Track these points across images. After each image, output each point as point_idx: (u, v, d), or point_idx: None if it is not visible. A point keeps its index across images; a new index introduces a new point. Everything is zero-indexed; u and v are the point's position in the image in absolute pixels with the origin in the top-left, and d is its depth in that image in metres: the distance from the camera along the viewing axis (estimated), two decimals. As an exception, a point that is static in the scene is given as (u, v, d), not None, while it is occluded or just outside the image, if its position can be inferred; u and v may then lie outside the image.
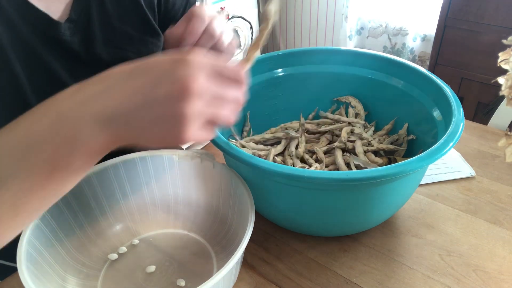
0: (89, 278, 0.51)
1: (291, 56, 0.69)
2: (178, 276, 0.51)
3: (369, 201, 0.49)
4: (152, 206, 0.59)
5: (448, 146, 0.44)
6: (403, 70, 0.63)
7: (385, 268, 0.53)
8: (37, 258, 0.45)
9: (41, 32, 0.51)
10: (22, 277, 0.40)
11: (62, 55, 0.54)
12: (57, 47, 0.53)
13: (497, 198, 0.62)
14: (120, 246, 0.56)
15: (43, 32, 0.51)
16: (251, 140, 0.65)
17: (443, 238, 0.56)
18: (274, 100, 0.71)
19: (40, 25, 0.51)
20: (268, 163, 0.44)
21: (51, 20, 0.51)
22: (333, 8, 2.07)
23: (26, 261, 0.43)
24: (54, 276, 0.47)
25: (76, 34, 0.55)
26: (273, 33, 2.41)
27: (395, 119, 0.66)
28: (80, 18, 0.54)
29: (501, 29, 1.41)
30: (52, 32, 0.52)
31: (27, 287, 0.40)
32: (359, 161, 0.57)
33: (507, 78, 0.45)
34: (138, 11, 0.61)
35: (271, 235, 0.58)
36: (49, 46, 0.52)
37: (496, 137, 0.76)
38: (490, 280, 0.50)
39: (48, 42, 0.52)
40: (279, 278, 0.52)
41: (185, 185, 0.59)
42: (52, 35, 0.52)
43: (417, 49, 1.91)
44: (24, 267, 0.42)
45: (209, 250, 0.55)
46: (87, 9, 0.55)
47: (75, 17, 0.54)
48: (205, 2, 1.81)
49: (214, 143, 0.48)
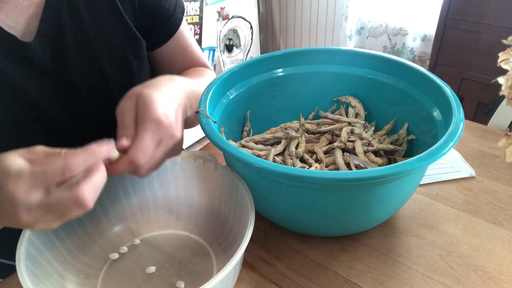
0: (89, 277, 0.51)
1: (291, 56, 0.69)
2: (178, 278, 0.51)
3: (369, 201, 0.49)
4: (154, 206, 0.60)
5: (448, 146, 0.44)
6: (403, 70, 0.63)
7: (385, 268, 0.53)
8: (37, 256, 0.45)
9: (8, 53, 0.49)
10: (20, 275, 0.41)
11: (33, 72, 0.52)
12: (27, 64, 0.51)
13: (497, 198, 0.63)
14: (122, 246, 0.56)
15: (11, 53, 0.49)
16: (251, 140, 0.65)
17: (443, 238, 0.56)
18: (274, 100, 0.71)
19: (7, 47, 0.49)
20: (268, 163, 0.44)
21: (18, 41, 0.49)
22: (333, 8, 2.07)
23: (26, 260, 0.43)
24: (54, 275, 0.47)
25: (48, 48, 0.52)
26: (273, 33, 2.41)
27: (395, 119, 0.66)
28: (52, 29, 0.52)
29: (501, 29, 1.41)
30: (20, 51, 0.50)
31: (24, 285, 0.40)
32: (359, 161, 0.57)
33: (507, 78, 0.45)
34: (116, 16, 0.58)
35: (271, 235, 0.58)
36: (18, 64, 0.50)
37: (496, 137, 0.76)
38: (490, 280, 0.50)
39: (16, 60, 0.50)
40: (279, 278, 0.52)
41: (187, 186, 0.59)
42: (21, 54, 0.50)
43: (417, 49, 1.91)
44: (23, 265, 0.42)
45: (210, 251, 0.55)
46: (58, 18, 0.52)
47: (46, 28, 0.52)
48: (205, 3, 1.81)
49: (214, 143, 0.48)
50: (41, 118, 0.55)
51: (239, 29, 2.09)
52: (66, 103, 0.57)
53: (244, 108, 0.68)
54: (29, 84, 0.52)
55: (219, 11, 1.92)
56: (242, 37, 2.13)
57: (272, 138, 0.65)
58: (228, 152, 0.46)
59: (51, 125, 0.57)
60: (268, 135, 0.65)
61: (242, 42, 2.14)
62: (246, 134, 0.68)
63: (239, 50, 2.15)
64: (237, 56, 2.15)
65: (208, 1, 1.83)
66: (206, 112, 0.52)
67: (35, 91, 0.53)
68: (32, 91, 0.53)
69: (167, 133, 0.44)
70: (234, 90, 0.64)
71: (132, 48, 0.61)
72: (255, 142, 0.64)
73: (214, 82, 0.59)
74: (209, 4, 1.84)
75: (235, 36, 2.09)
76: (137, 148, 0.42)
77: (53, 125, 0.57)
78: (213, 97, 0.57)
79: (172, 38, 0.67)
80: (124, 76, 0.62)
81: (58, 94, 0.56)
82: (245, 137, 0.68)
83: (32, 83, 0.52)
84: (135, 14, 0.61)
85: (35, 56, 0.51)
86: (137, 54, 0.62)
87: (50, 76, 0.54)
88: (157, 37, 0.66)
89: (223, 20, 1.96)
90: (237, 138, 0.68)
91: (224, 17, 1.96)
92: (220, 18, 1.94)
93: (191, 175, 0.59)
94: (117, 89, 0.61)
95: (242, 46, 2.15)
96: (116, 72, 0.60)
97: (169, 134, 0.45)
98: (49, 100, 0.55)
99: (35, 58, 0.51)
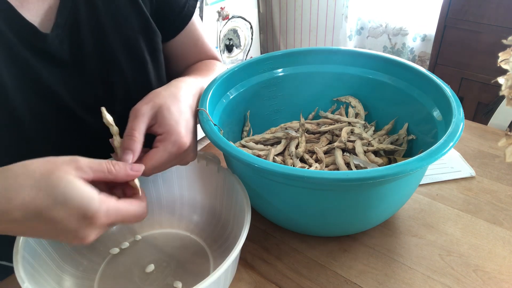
0: (87, 271, 0.52)
1: (291, 56, 0.69)
2: (175, 278, 0.51)
3: (369, 201, 0.49)
4: (157, 205, 0.60)
5: (448, 146, 0.44)
6: (403, 70, 0.63)
7: (385, 268, 0.53)
8: (35, 248, 0.45)
9: (28, 42, 0.50)
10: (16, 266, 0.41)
11: (51, 64, 0.52)
12: (45, 56, 0.51)
13: (497, 198, 0.62)
14: (123, 242, 0.56)
15: (30, 43, 0.50)
16: (251, 140, 0.65)
17: (443, 238, 0.56)
18: (274, 100, 0.71)
19: (27, 36, 0.49)
20: (268, 163, 0.44)
21: (37, 32, 0.50)
22: (333, 8, 2.07)
23: (23, 251, 0.43)
24: (52, 267, 0.47)
25: (65, 40, 0.53)
26: (273, 33, 2.41)
27: (395, 119, 0.66)
28: (68, 21, 0.52)
29: (501, 29, 1.41)
30: (39, 43, 0.50)
31: (19, 279, 0.40)
32: (359, 161, 0.57)
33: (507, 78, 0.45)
34: (134, 7, 0.57)
35: (271, 235, 0.58)
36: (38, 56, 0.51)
37: (496, 137, 0.75)
38: (490, 280, 0.50)
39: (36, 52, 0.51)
40: (279, 277, 0.52)
41: (190, 186, 0.60)
42: (40, 47, 0.50)
43: (417, 49, 1.91)
44: (20, 257, 0.42)
45: (208, 252, 0.55)
46: (74, 10, 0.53)
47: (62, 21, 0.52)
48: (205, 3, 1.81)
49: (214, 143, 0.48)
50: (59, 110, 0.55)
51: (239, 29, 2.09)
52: (83, 96, 0.57)
53: (244, 108, 0.68)
54: (47, 76, 0.52)
55: (219, 11, 1.92)
56: (242, 37, 2.13)
57: (272, 138, 0.65)
58: (228, 152, 0.46)
59: (69, 117, 0.57)
60: (268, 135, 0.65)
61: (242, 42, 2.14)
62: (246, 134, 0.68)
63: (239, 50, 2.15)
64: (237, 56, 2.15)
65: (208, 1, 1.83)
66: (206, 111, 0.52)
67: (54, 83, 0.53)
68: (50, 83, 0.53)
69: (184, 155, 0.47)
70: (234, 90, 0.64)
71: (149, 40, 0.61)
72: (255, 142, 0.64)
73: (214, 82, 0.59)
74: (209, 4, 1.84)
75: (235, 36, 2.09)
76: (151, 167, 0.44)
77: (71, 118, 0.57)
78: (213, 97, 0.57)
79: (184, 29, 0.66)
80: (139, 69, 0.61)
81: (75, 86, 0.55)
82: (245, 137, 0.68)
83: (50, 75, 0.53)
84: (152, 4, 0.60)
85: (53, 49, 0.52)
86: (153, 46, 0.62)
87: (67, 68, 0.54)
88: (171, 28, 0.65)
89: (223, 20, 1.96)
90: (237, 138, 0.68)
91: (224, 17, 1.96)
92: (220, 18, 1.94)
93: (195, 176, 0.59)
94: (132, 82, 0.61)
95: (242, 46, 2.15)
96: (132, 64, 0.60)
97: (186, 155, 0.48)
98: (66, 92, 0.55)
99: (52, 50, 0.52)
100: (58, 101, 0.54)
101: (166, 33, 0.65)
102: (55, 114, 0.55)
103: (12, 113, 0.51)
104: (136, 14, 0.58)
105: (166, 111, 0.46)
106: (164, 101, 0.47)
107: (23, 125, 0.52)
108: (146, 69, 0.62)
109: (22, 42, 0.49)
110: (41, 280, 0.44)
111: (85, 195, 0.36)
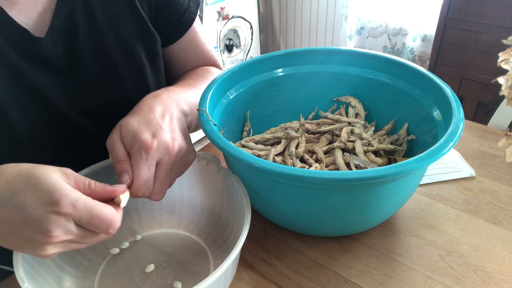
0: (87, 271, 0.52)
1: (291, 56, 0.69)
2: (175, 278, 0.51)
3: (369, 201, 0.49)
4: (157, 204, 0.60)
5: (448, 146, 0.44)
6: (403, 70, 0.63)
7: (385, 268, 0.53)
8: None
9: (20, 47, 0.48)
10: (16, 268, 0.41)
11: (45, 68, 0.51)
12: (39, 61, 0.50)
13: (497, 198, 0.62)
14: (123, 242, 0.56)
15: (23, 47, 0.49)
16: (251, 140, 0.65)
17: (443, 238, 0.56)
18: (274, 100, 0.71)
19: (19, 40, 0.48)
20: (268, 163, 0.44)
21: (30, 35, 0.49)
22: (333, 8, 2.07)
23: None
24: (52, 267, 0.47)
25: (60, 44, 0.51)
26: (273, 33, 2.41)
27: (395, 119, 0.66)
28: (65, 24, 0.51)
29: (501, 29, 1.41)
30: (32, 47, 0.49)
31: (19, 279, 0.40)
32: (359, 161, 0.57)
33: (507, 78, 0.45)
34: (133, 12, 0.56)
35: (271, 235, 0.58)
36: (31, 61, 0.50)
37: (496, 137, 0.76)
38: (490, 280, 0.50)
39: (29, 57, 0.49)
40: (279, 277, 0.52)
41: (191, 186, 0.59)
42: (33, 51, 0.49)
43: (417, 49, 1.91)
44: (20, 257, 0.42)
45: (208, 252, 0.55)
46: (71, 13, 0.51)
47: (58, 24, 0.51)
48: (205, 3, 1.81)
49: (214, 143, 0.48)
50: (55, 116, 0.54)
51: (239, 29, 2.09)
52: (79, 101, 0.56)
53: (244, 108, 0.68)
54: (42, 82, 0.51)
55: (219, 11, 1.92)
56: (242, 37, 2.13)
57: (272, 138, 0.65)
58: (228, 152, 0.46)
59: (65, 124, 0.56)
60: (268, 135, 0.65)
61: (242, 42, 2.14)
62: (246, 134, 0.68)
63: (239, 50, 2.15)
64: (237, 56, 2.15)
65: (208, 1, 1.83)
66: (206, 111, 0.52)
67: (48, 89, 0.52)
68: (45, 89, 0.52)
69: (160, 153, 0.44)
70: (234, 90, 0.64)
71: (147, 45, 0.60)
72: (255, 142, 0.64)
73: (214, 82, 0.59)
74: (209, 4, 1.84)
75: (235, 36, 2.09)
76: (136, 183, 0.43)
77: (67, 124, 0.56)
78: (213, 97, 0.57)
79: (184, 35, 0.65)
80: (137, 74, 0.60)
81: (70, 92, 0.55)
82: (245, 137, 0.68)
83: (45, 80, 0.51)
84: (150, 9, 0.59)
85: (47, 52, 0.50)
86: (152, 51, 0.61)
87: (62, 73, 0.53)
88: (171, 34, 0.64)
89: (223, 20, 1.96)
90: (237, 138, 0.68)
91: (224, 17, 1.96)
92: (220, 18, 1.94)
93: (195, 176, 0.59)
94: (130, 87, 0.60)
95: (242, 46, 2.15)
96: (130, 70, 0.59)
97: (163, 152, 0.45)
98: (62, 98, 0.54)
99: (46, 54, 0.50)
100: (54, 107, 0.53)
101: (165, 39, 0.64)
102: (50, 120, 0.54)
103: (7, 120, 0.50)
104: (134, 19, 0.57)
105: (124, 128, 0.45)
106: (122, 121, 0.46)
107: (18, 132, 0.51)
108: (144, 74, 0.61)
109: (13, 46, 0.48)
110: (41, 280, 0.44)
111: (57, 182, 0.36)
